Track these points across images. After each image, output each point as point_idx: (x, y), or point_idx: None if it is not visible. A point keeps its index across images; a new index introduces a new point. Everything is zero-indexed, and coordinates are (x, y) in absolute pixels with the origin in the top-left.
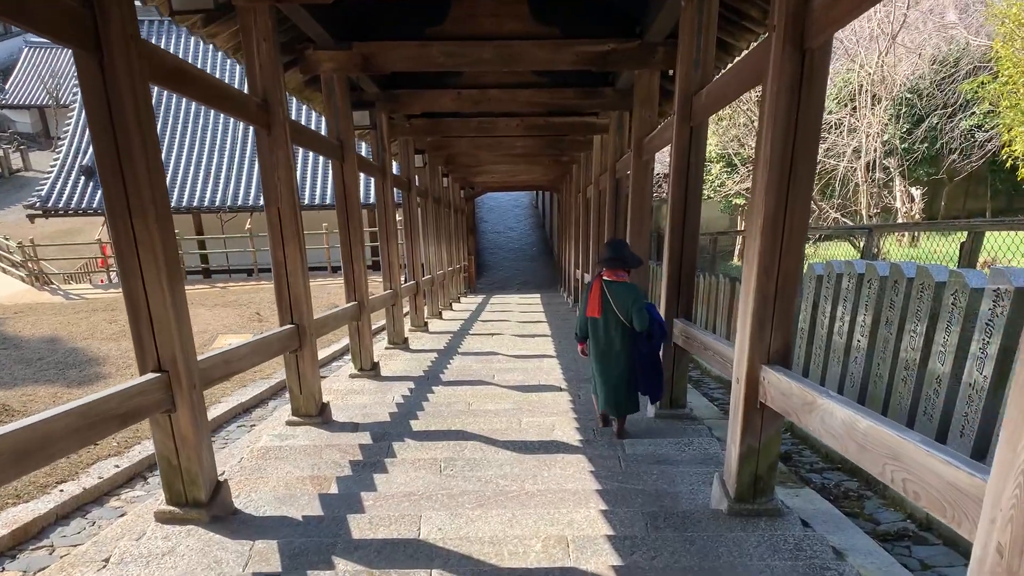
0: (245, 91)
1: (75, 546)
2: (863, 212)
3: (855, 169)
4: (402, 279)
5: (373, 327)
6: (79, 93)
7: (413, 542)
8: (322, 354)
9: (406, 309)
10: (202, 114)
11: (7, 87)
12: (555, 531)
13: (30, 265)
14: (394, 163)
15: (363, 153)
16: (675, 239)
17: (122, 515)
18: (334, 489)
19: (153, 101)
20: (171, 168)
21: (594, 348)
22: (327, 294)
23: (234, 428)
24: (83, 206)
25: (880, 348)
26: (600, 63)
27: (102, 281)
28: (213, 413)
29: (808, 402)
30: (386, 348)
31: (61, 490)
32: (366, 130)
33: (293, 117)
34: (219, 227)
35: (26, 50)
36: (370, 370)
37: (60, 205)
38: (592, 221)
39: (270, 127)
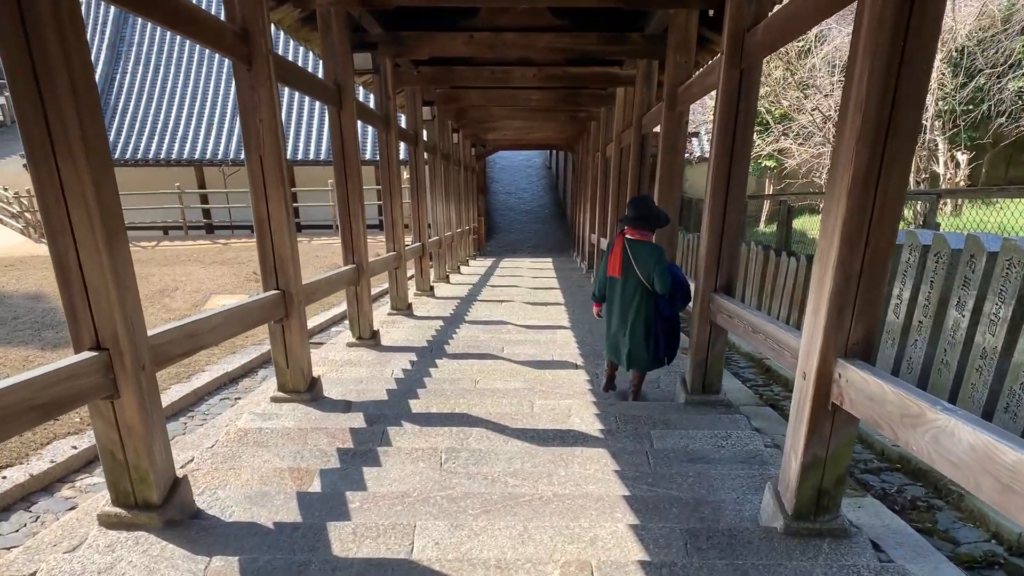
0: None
1: (7, 550)
2: (941, 172)
3: None
4: (408, 240)
5: (375, 291)
6: None
7: (404, 564)
8: (320, 318)
9: (411, 272)
10: (205, 62)
11: None
12: (575, 551)
13: (28, 216)
14: (400, 116)
15: (369, 105)
16: (717, 202)
17: (71, 508)
18: (316, 486)
19: (150, 46)
20: (172, 119)
21: (611, 309)
22: (331, 253)
23: (216, 401)
24: None
25: (949, 332)
26: (631, 1)
27: None
28: (194, 384)
29: (912, 414)
30: (388, 314)
31: (3, 476)
32: (368, 75)
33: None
34: (222, 181)
35: None
36: (369, 339)
37: None
38: (611, 182)
39: (251, 60)
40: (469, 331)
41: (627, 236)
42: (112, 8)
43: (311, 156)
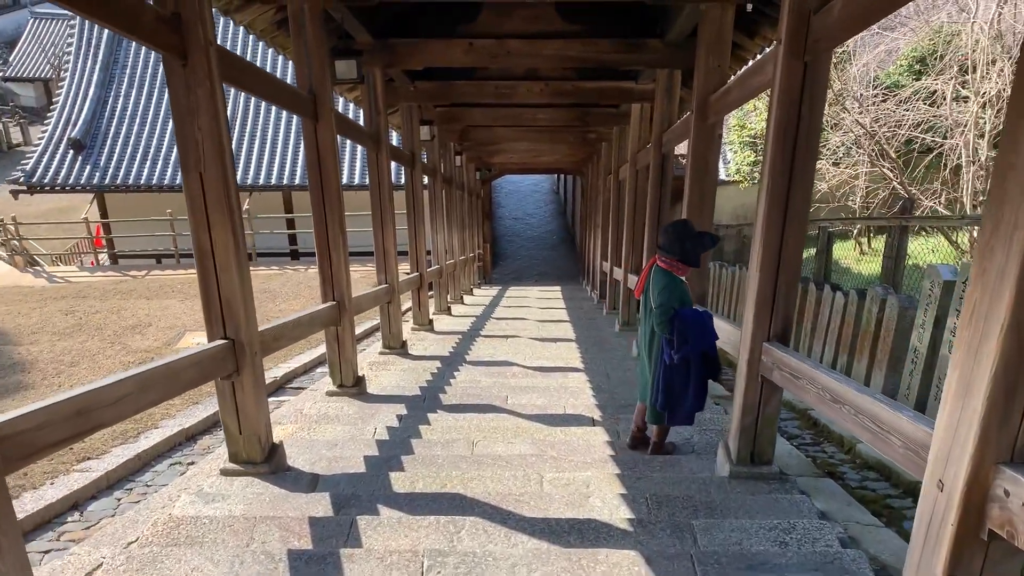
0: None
1: None
2: (966, 199)
3: (956, 148)
4: (406, 268)
5: (368, 325)
6: (71, 61)
7: None
8: (305, 358)
9: (409, 304)
10: None
11: (11, 59)
12: None
13: (13, 244)
14: (395, 134)
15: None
16: (771, 231)
17: None
18: None
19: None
20: (166, 144)
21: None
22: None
23: (165, 468)
24: (70, 182)
25: None
26: None
27: (92, 263)
28: (141, 445)
29: None
30: (380, 354)
31: None
32: (352, 85)
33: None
34: None
35: (31, 21)
36: (353, 387)
37: (46, 181)
38: (626, 207)
39: (185, 53)
40: (469, 374)
41: (656, 262)
42: (106, 30)
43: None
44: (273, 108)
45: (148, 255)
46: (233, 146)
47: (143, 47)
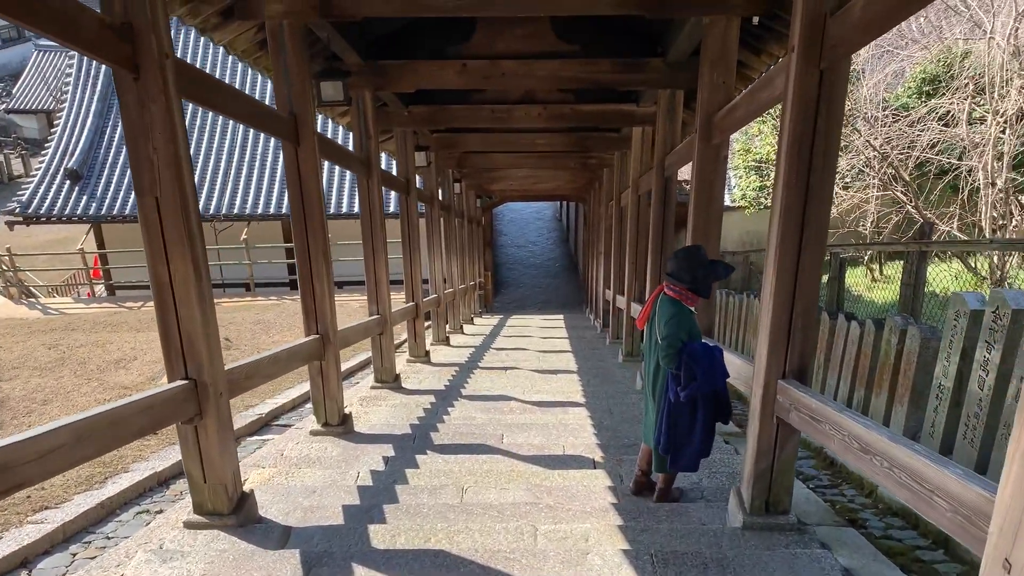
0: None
1: None
2: (984, 223)
3: (973, 170)
4: (402, 298)
5: (362, 358)
6: (70, 91)
7: None
8: (294, 392)
9: (403, 336)
10: (199, 116)
11: (15, 91)
12: None
13: (8, 276)
14: (393, 161)
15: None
16: (786, 255)
17: None
18: None
19: None
20: None
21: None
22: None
23: (130, 517)
24: (67, 213)
25: None
26: (655, 8)
27: (89, 294)
28: (106, 492)
29: None
30: (371, 388)
31: None
32: (344, 110)
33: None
34: (213, 237)
35: (35, 54)
36: (338, 425)
37: (43, 212)
38: (628, 233)
39: (137, 67)
40: (464, 410)
41: (663, 291)
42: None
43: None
44: (273, 138)
45: (145, 286)
46: (231, 176)
47: None
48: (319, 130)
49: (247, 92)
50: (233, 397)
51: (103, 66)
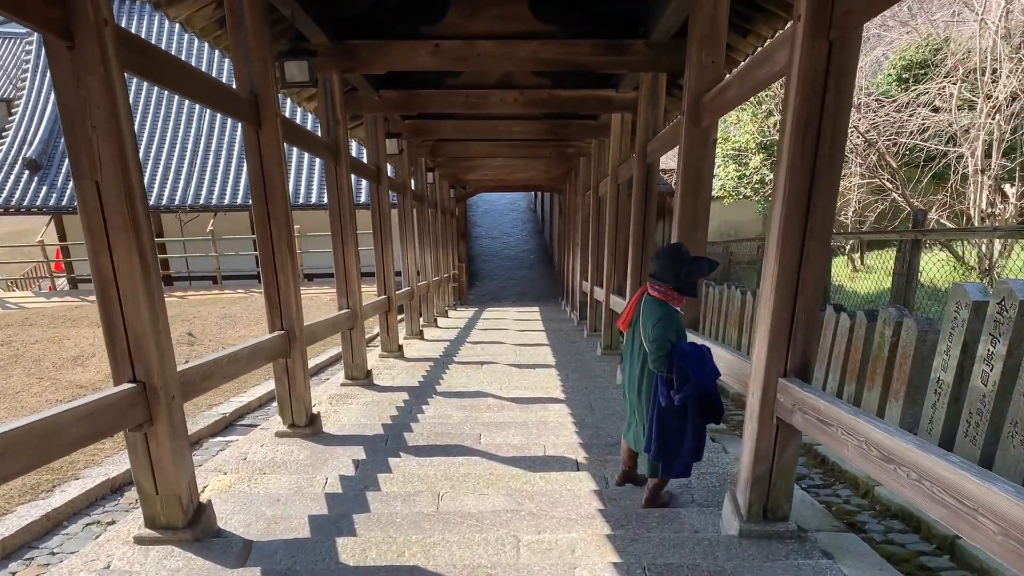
0: None
1: None
2: (973, 212)
3: (962, 157)
4: (374, 291)
5: (332, 353)
6: (28, 77)
7: None
8: (262, 390)
9: (376, 330)
10: (163, 104)
11: None
12: None
13: None
14: (361, 149)
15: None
16: (788, 245)
17: None
18: None
19: None
20: None
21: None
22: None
23: (79, 529)
24: (25, 204)
25: None
26: None
27: (50, 288)
28: (53, 503)
29: None
30: (342, 385)
31: None
32: (304, 90)
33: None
34: (178, 229)
35: None
36: (306, 426)
37: (0, 203)
38: (607, 223)
39: (71, 34)
40: (440, 408)
41: (647, 291)
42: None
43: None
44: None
45: None
46: (197, 165)
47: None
48: (288, 117)
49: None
50: (188, 400)
51: None
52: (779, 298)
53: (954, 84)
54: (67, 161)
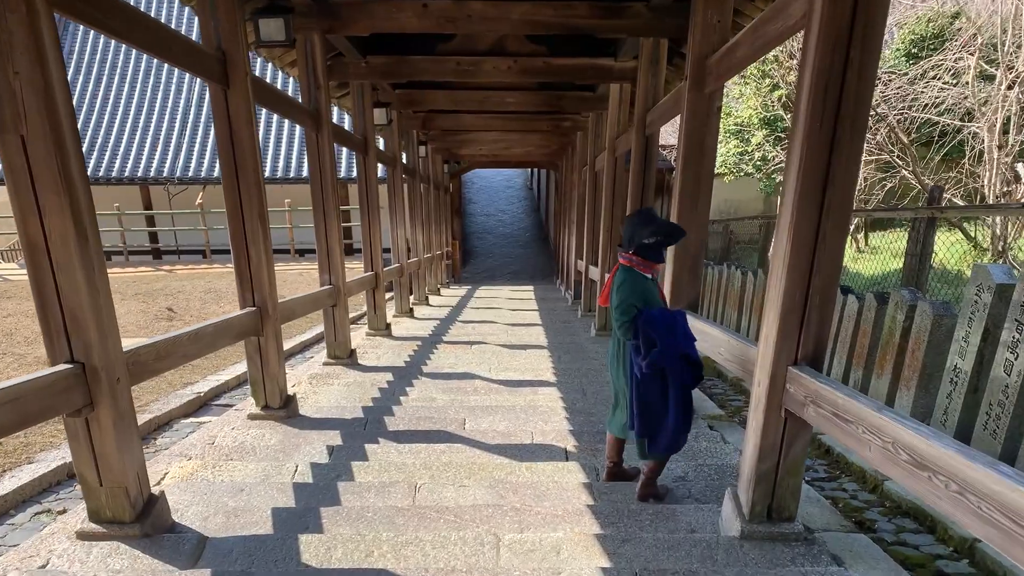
0: None
1: None
2: (987, 191)
3: (976, 134)
4: (360, 266)
5: (316, 332)
6: None
7: None
8: (241, 368)
9: (360, 311)
10: (152, 73)
11: None
12: None
13: None
14: (345, 117)
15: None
16: (803, 221)
17: None
18: None
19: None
20: (114, 134)
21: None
22: (283, 282)
23: (27, 519)
24: None
25: None
26: None
27: None
28: (2, 488)
29: None
30: (324, 364)
31: None
32: (280, 50)
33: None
34: (167, 202)
35: None
36: (280, 408)
37: None
38: (604, 198)
39: None
40: (425, 390)
41: (620, 263)
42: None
43: (266, 174)
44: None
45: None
46: (186, 136)
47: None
48: (269, 82)
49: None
50: (141, 382)
51: None
52: (791, 279)
53: (971, 55)
54: None
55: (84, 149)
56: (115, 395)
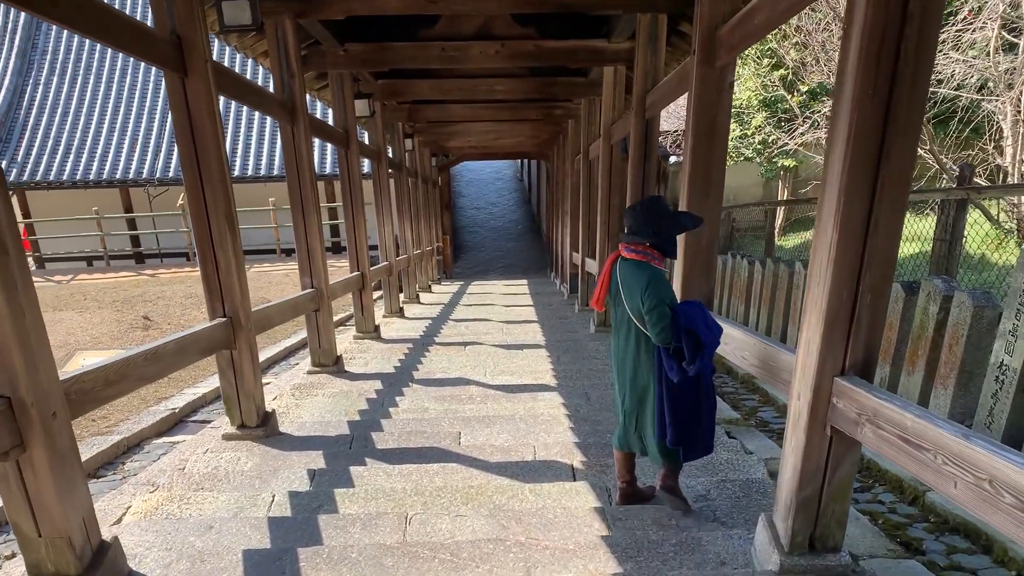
0: None
1: None
2: (1012, 168)
3: (997, 109)
4: (346, 266)
5: (302, 336)
6: None
7: None
8: (213, 383)
9: (349, 312)
10: (128, 72)
11: None
12: None
13: None
14: (329, 113)
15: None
16: (852, 204)
17: None
18: None
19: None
20: (91, 135)
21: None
22: (268, 283)
23: None
24: None
25: None
26: None
27: None
28: None
29: None
30: (308, 373)
31: None
32: (252, 37)
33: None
34: (147, 204)
35: None
36: (258, 426)
37: None
38: (600, 188)
39: None
40: (416, 399)
41: (621, 255)
42: (23, 12)
43: (249, 172)
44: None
45: (76, 257)
46: (165, 136)
47: (65, 30)
48: (239, 73)
49: None
50: (84, 414)
51: (20, 20)
52: (837, 276)
53: (994, 22)
54: (27, 135)
55: (60, 152)
56: (50, 432)
